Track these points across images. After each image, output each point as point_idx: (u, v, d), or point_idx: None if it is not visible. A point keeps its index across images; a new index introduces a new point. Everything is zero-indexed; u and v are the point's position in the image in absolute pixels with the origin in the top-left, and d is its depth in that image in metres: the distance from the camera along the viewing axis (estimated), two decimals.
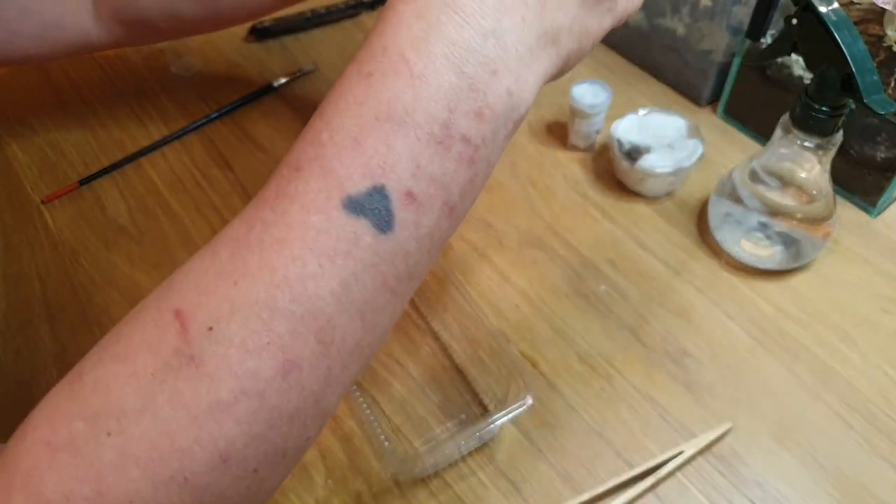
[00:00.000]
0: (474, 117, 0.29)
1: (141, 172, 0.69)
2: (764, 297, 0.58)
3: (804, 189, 0.56)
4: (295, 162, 0.29)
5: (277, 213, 0.28)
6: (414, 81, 0.28)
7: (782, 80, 0.64)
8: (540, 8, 0.30)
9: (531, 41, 0.30)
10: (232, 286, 0.28)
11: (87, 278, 0.61)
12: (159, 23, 0.62)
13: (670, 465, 0.48)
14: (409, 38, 0.28)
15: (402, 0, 0.29)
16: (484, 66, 0.29)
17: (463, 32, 0.28)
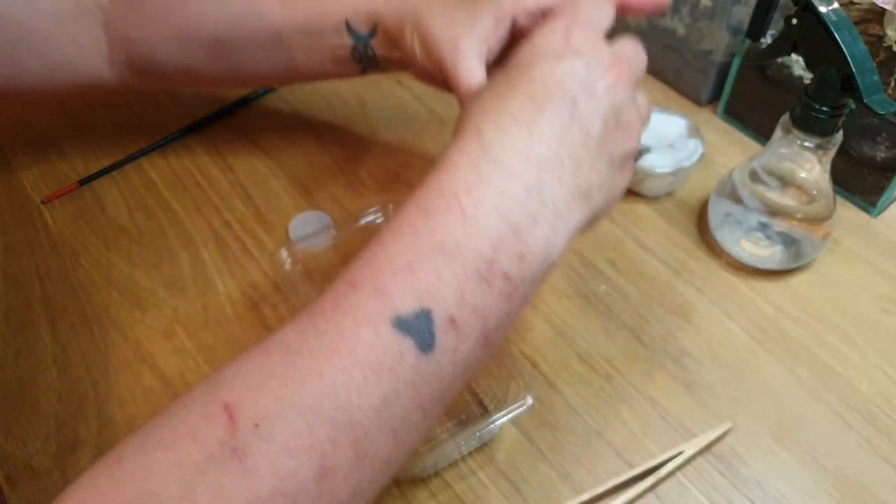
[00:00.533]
0: (516, 258, 0.33)
1: (141, 172, 0.69)
2: (764, 297, 0.58)
3: (804, 189, 0.56)
4: (351, 278, 0.32)
5: (331, 323, 0.31)
6: (465, 221, 0.32)
7: (782, 80, 0.64)
8: (575, 169, 0.35)
9: (567, 197, 0.34)
10: (282, 387, 0.29)
11: (88, 278, 0.61)
12: (174, 76, 0.62)
13: (670, 466, 0.48)
14: (463, 185, 0.33)
15: (458, 153, 0.34)
16: (526, 215, 0.33)
17: (510, 185, 0.33)
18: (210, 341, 0.57)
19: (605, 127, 0.36)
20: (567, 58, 0.36)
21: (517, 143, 0.34)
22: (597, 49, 0.37)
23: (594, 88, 0.36)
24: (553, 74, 0.35)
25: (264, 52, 0.59)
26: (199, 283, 0.60)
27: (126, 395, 0.54)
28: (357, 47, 0.56)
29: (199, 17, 0.57)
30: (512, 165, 0.33)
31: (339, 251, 0.58)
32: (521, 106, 0.35)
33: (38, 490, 0.49)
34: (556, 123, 0.34)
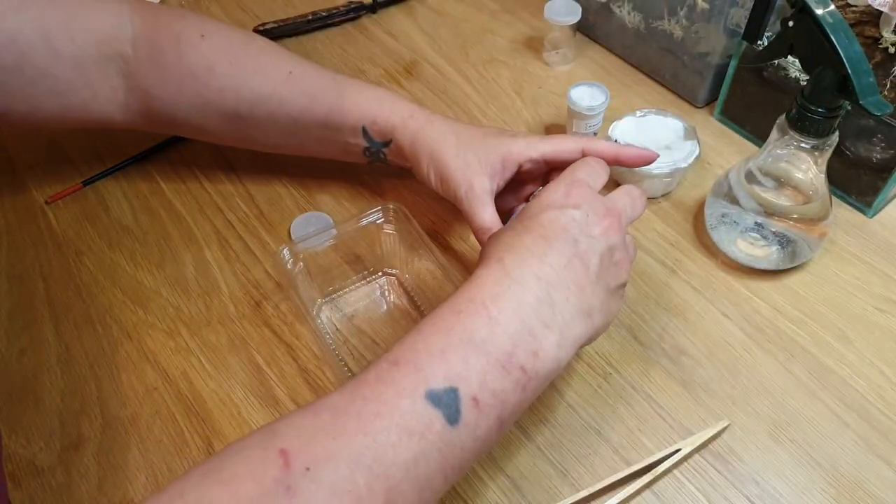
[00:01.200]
0: (531, 354, 0.40)
1: (144, 173, 0.70)
2: (760, 296, 0.59)
3: (800, 190, 0.57)
4: (394, 358, 0.38)
5: (376, 393, 0.37)
6: (491, 321, 0.39)
7: (779, 82, 0.65)
8: (579, 292, 0.42)
9: (573, 312, 0.42)
10: (331, 440, 0.35)
11: (91, 278, 0.62)
12: (186, 130, 0.64)
13: (667, 463, 0.49)
14: (489, 294, 0.41)
15: (485, 274, 0.42)
16: (540, 321, 0.41)
17: (526, 297, 0.41)
18: (213, 340, 0.57)
19: (601, 262, 0.44)
20: (568, 209, 0.44)
21: (532, 268, 0.42)
22: (593, 202, 0.45)
23: (591, 232, 0.44)
24: (558, 221, 0.44)
25: (280, 133, 0.62)
26: (201, 283, 0.61)
27: (129, 394, 0.54)
28: (370, 149, 0.61)
29: (222, 91, 0.59)
30: (527, 283, 0.41)
31: (340, 251, 0.59)
32: (535, 242, 0.43)
33: (41, 487, 0.50)
34: (562, 257, 0.43)
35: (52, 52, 0.55)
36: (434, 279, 0.57)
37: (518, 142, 0.56)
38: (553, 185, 0.46)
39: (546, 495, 0.49)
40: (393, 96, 0.60)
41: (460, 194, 0.55)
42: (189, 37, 0.58)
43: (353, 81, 0.61)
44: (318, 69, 0.61)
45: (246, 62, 0.59)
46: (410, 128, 0.58)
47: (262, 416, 0.53)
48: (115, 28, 0.57)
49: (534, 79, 0.78)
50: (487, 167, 0.55)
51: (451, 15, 0.87)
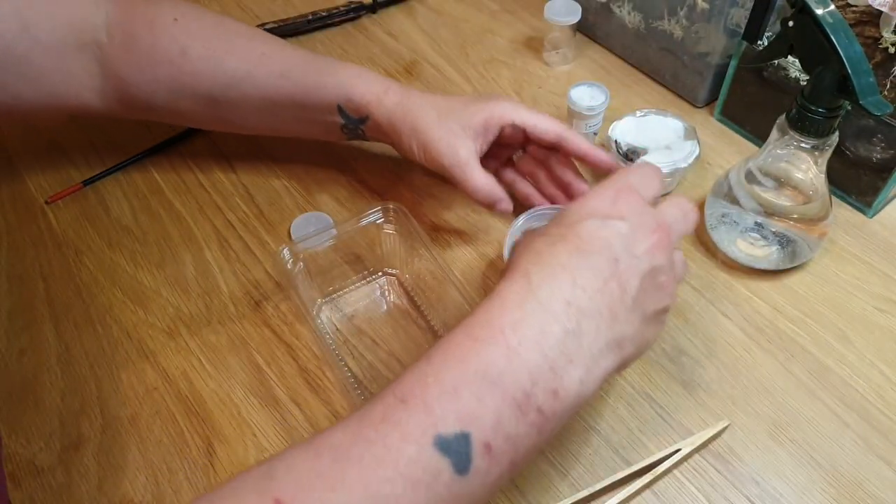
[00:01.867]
0: (551, 394, 0.36)
1: (144, 173, 0.70)
2: (760, 296, 0.59)
3: (800, 190, 0.57)
4: (402, 394, 0.35)
5: (380, 435, 0.34)
6: (509, 353, 0.35)
7: (779, 82, 0.65)
8: (611, 320, 0.38)
9: (601, 344, 0.37)
10: (329, 491, 0.32)
11: (91, 278, 0.62)
12: (163, 115, 0.64)
13: (667, 463, 0.49)
14: (509, 319, 0.36)
15: (507, 289, 0.37)
16: (563, 355, 0.36)
17: (552, 327, 0.36)
18: (213, 340, 0.57)
19: (642, 286, 0.39)
20: (613, 220, 0.39)
21: (562, 289, 0.37)
22: (642, 214, 0.40)
23: (635, 250, 0.39)
24: (599, 232, 0.39)
25: (256, 114, 0.62)
26: (201, 283, 0.61)
27: (129, 394, 0.54)
28: (347, 126, 0.61)
29: (196, 75, 0.59)
30: (554, 308, 0.36)
31: (340, 251, 0.59)
32: (569, 257, 0.38)
33: (41, 487, 0.50)
34: (598, 278, 0.38)
35: (32, 40, 0.55)
36: (434, 279, 0.57)
37: (501, 104, 0.56)
38: (600, 188, 0.41)
39: (546, 495, 0.49)
40: (367, 73, 0.59)
41: (447, 162, 0.55)
42: (162, 21, 0.58)
43: (327, 60, 0.60)
44: (293, 49, 0.61)
45: (219, 44, 0.59)
46: (386, 104, 0.57)
47: (262, 416, 0.53)
48: (90, 14, 0.57)
49: (534, 79, 0.78)
50: (470, 131, 0.55)
51: (451, 15, 0.87)
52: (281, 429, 0.52)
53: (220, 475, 0.50)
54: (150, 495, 0.49)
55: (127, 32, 0.58)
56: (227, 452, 0.51)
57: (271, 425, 0.52)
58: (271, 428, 0.52)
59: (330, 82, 0.59)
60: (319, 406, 0.53)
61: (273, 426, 0.52)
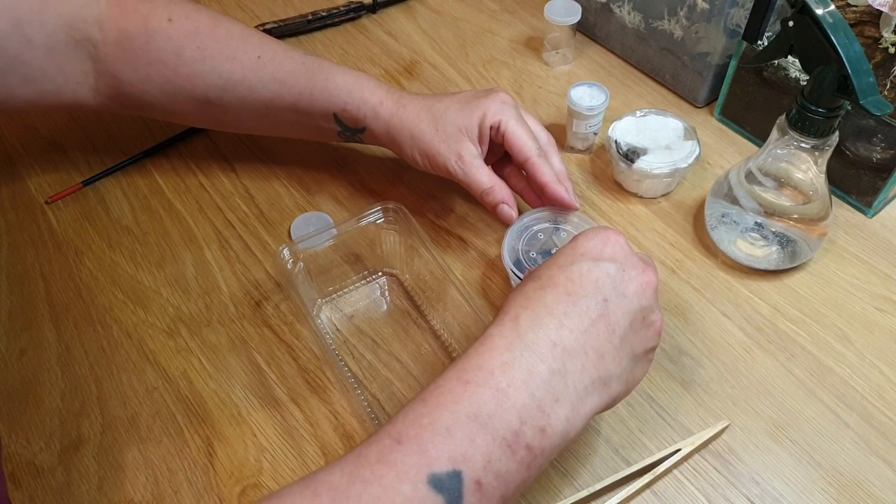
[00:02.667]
0: (538, 432, 0.37)
1: (144, 173, 0.70)
2: (760, 296, 0.59)
3: (800, 190, 0.57)
4: (397, 435, 0.36)
5: (376, 475, 0.35)
6: (498, 395, 0.37)
7: (779, 82, 0.65)
8: (598, 360, 0.39)
9: (587, 383, 0.39)
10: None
11: (91, 278, 0.62)
12: (156, 114, 0.64)
13: (668, 463, 0.49)
14: (499, 362, 0.38)
15: (497, 334, 0.39)
16: (550, 394, 0.38)
17: (538, 367, 0.38)
18: (213, 340, 0.57)
19: (631, 325, 0.41)
20: (604, 261, 0.41)
21: (548, 333, 0.39)
22: (630, 257, 0.42)
23: (625, 290, 0.41)
24: (590, 274, 0.40)
25: (251, 117, 0.62)
26: (201, 283, 0.61)
27: (129, 394, 0.54)
28: (343, 133, 0.61)
29: (191, 77, 0.59)
30: (541, 349, 0.38)
31: (340, 251, 0.59)
32: (557, 300, 0.40)
33: (41, 487, 0.50)
34: (585, 318, 0.39)
35: (24, 39, 0.54)
36: (434, 279, 0.57)
37: (494, 103, 0.56)
38: (588, 233, 0.43)
39: (546, 495, 0.49)
40: (363, 82, 0.59)
41: (451, 166, 0.56)
42: (156, 20, 0.58)
43: (324, 65, 0.60)
44: (288, 52, 0.60)
45: (214, 47, 0.58)
46: (382, 116, 0.58)
47: (262, 416, 0.53)
48: (83, 11, 0.56)
49: (534, 79, 0.78)
50: (470, 133, 0.56)
51: (451, 15, 0.87)
52: (281, 429, 0.52)
53: (220, 475, 0.50)
54: (150, 495, 0.49)
55: (121, 30, 0.57)
56: (227, 452, 0.51)
57: (271, 425, 0.52)
58: (271, 428, 0.52)
59: (325, 90, 0.58)
60: (319, 406, 0.53)
61: (273, 426, 0.52)
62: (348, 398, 0.53)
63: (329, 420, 0.53)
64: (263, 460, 0.51)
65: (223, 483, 0.50)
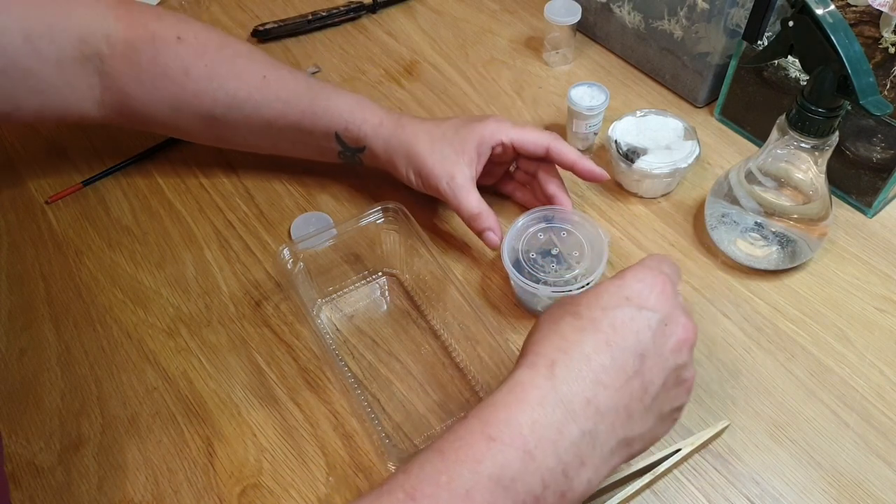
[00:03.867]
0: (559, 496, 0.36)
1: (144, 173, 0.70)
2: (760, 296, 0.59)
3: (800, 190, 0.57)
4: (412, 490, 0.34)
5: None
6: (525, 456, 0.35)
7: (779, 82, 0.65)
8: (627, 420, 0.38)
9: (613, 444, 0.37)
10: None
11: (91, 278, 0.62)
12: (159, 128, 0.65)
13: (668, 463, 0.49)
14: (528, 419, 0.35)
15: (530, 382, 0.37)
16: (577, 457, 0.36)
17: (570, 427, 0.36)
18: (213, 340, 0.57)
19: (664, 385, 0.39)
20: (647, 310, 0.39)
21: (584, 388, 0.37)
22: (674, 309, 0.40)
23: (663, 347, 0.39)
24: (632, 324, 0.38)
25: (254, 135, 0.63)
26: (201, 283, 0.61)
27: (129, 394, 0.54)
28: (344, 153, 0.63)
29: (197, 94, 0.60)
30: (574, 409, 0.36)
31: (340, 251, 0.59)
32: (595, 349, 0.37)
33: (41, 487, 0.50)
34: (622, 375, 0.37)
35: (35, 52, 0.55)
36: (434, 279, 0.57)
37: (488, 126, 0.58)
38: (638, 273, 0.40)
39: None
40: (364, 103, 0.61)
41: (442, 187, 0.57)
42: (165, 38, 0.59)
43: (327, 87, 0.62)
44: (293, 74, 0.62)
45: (221, 66, 0.59)
46: (382, 135, 0.59)
47: (262, 416, 0.53)
48: (94, 27, 0.57)
49: (534, 79, 0.78)
50: (464, 156, 0.57)
51: (451, 15, 0.87)
52: (281, 429, 0.52)
53: (220, 475, 0.50)
54: (150, 495, 0.49)
55: (130, 47, 0.58)
56: (227, 452, 0.51)
57: (271, 425, 0.52)
58: (271, 428, 0.52)
59: (328, 110, 0.60)
60: (319, 406, 0.53)
61: (273, 426, 0.52)
62: (348, 398, 0.53)
63: (329, 420, 0.53)
64: (263, 460, 0.51)
65: (223, 483, 0.50)
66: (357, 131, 0.60)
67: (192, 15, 0.86)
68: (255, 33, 0.83)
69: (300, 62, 0.81)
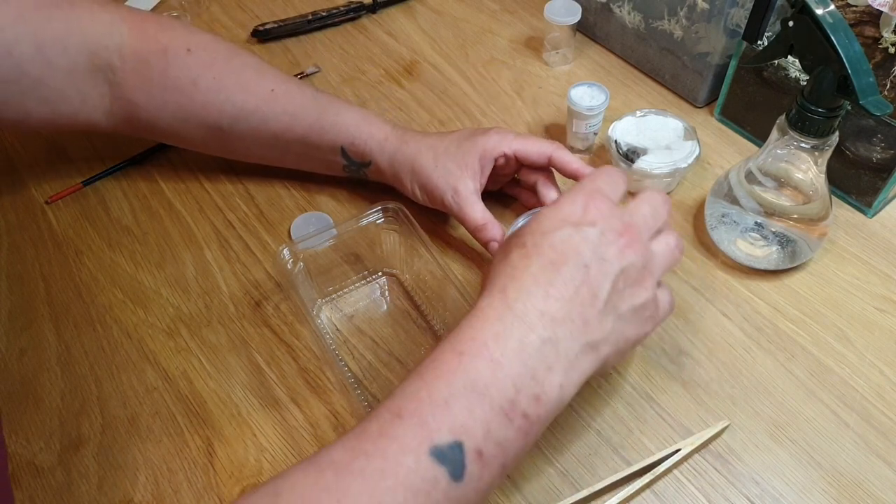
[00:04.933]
0: (533, 399, 0.38)
1: (144, 173, 0.70)
2: (760, 296, 0.59)
3: (800, 190, 0.57)
4: (397, 409, 0.37)
5: (378, 448, 0.36)
6: (493, 365, 0.38)
7: (779, 82, 0.65)
8: (584, 325, 0.40)
9: (577, 350, 0.40)
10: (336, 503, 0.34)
11: (91, 278, 0.62)
12: (167, 138, 0.65)
13: (667, 463, 0.49)
14: (491, 333, 0.39)
15: (487, 305, 0.40)
16: (543, 362, 0.39)
17: (529, 336, 0.38)
18: (213, 340, 0.57)
19: (614, 287, 0.41)
20: (584, 227, 0.41)
21: (535, 302, 0.39)
22: (610, 218, 0.42)
23: (605, 254, 0.41)
24: (571, 241, 0.41)
25: (261, 147, 0.64)
26: (201, 283, 0.61)
27: (129, 394, 0.54)
28: (350, 167, 0.63)
29: (205, 106, 0.60)
30: (531, 320, 0.39)
31: (340, 251, 0.59)
32: (541, 269, 0.40)
33: (41, 487, 0.50)
34: (570, 286, 0.40)
35: (46, 62, 0.55)
36: (434, 279, 0.57)
37: (490, 138, 0.58)
38: (571, 195, 0.43)
39: (546, 495, 0.49)
40: (370, 119, 0.61)
41: (447, 200, 0.58)
42: (175, 50, 0.59)
43: (334, 101, 0.62)
44: (301, 87, 0.62)
45: (229, 78, 0.60)
46: (387, 151, 0.60)
47: (262, 416, 0.53)
48: (105, 37, 0.58)
49: (534, 79, 0.78)
50: (468, 170, 0.58)
51: (451, 15, 0.87)
52: (281, 429, 0.52)
53: (220, 475, 0.50)
54: (150, 495, 0.49)
55: (140, 58, 0.59)
56: (227, 452, 0.51)
57: (271, 425, 0.52)
58: (271, 428, 0.52)
59: (335, 124, 0.61)
60: (319, 406, 0.53)
61: (273, 426, 0.52)
62: (348, 398, 0.53)
63: (329, 420, 0.53)
64: (263, 460, 0.51)
65: (223, 483, 0.50)
66: (363, 146, 0.61)
67: (192, 15, 0.87)
68: (255, 33, 0.83)
69: (300, 62, 0.81)
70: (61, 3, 0.56)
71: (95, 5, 0.58)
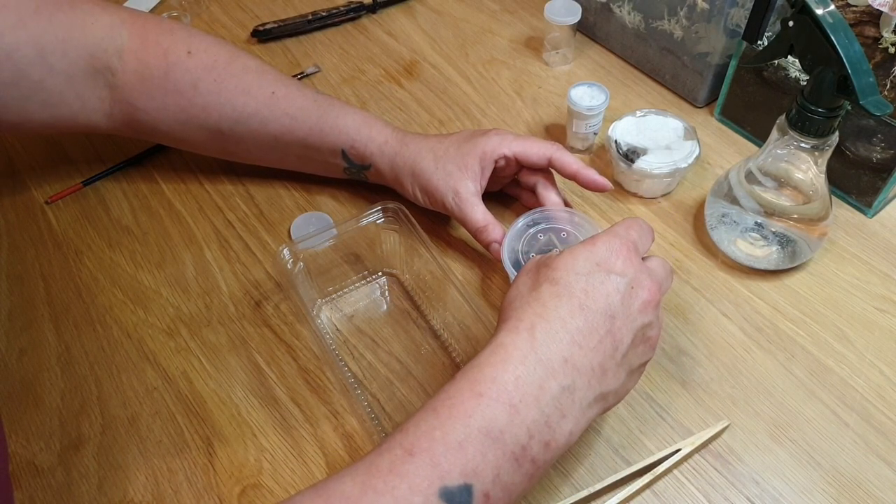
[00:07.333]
0: (544, 446, 0.39)
1: (144, 173, 0.70)
2: (760, 296, 0.59)
3: (800, 190, 0.57)
4: (409, 446, 0.37)
5: (389, 486, 0.36)
6: (510, 410, 0.38)
7: (779, 82, 0.65)
8: (601, 376, 0.41)
9: (591, 399, 0.40)
10: None
11: (91, 278, 0.62)
12: (167, 140, 0.65)
13: (668, 463, 0.49)
14: (513, 376, 0.39)
15: (512, 344, 0.40)
16: (558, 410, 0.39)
17: (550, 383, 0.39)
18: (213, 340, 0.57)
19: (633, 342, 0.42)
20: (614, 275, 0.42)
21: (561, 348, 0.40)
22: (640, 273, 0.42)
23: (631, 307, 0.42)
24: (602, 287, 0.41)
25: (261, 149, 0.64)
26: (201, 283, 0.61)
27: (129, 394, 0.54)
28: (350, 170, 0.64)
29: (206, 108, 0.60)
30: (554, 366, 0.39)
31: (340, 251, 0.59)
32: (570, 313, 0.40)
33: (41, 487, 0.50)
34: (595, 336, 0.40)
35: (47, 66, 0.55)
36: (434, 279, 0.57)
37: (490, 140, 0.58)
38: (608, 240, 0.43)
39: (547, 496, 0.49)
40: (370, 121, 0.61)
41: (448, 202, 0.58)
42: (176, 53, 0.59)
43: (334, 104, 0.62)
44: (301, 89, 0.62)
45: (230, 81, 0.60)
46: (387, 153, 0.60)
47: (262, 416, 0.53)
48: (106, 41, 0.58)
49: (534, 79, 0.78)
50: (468, 172, 0.58)
51: (451, 15, 0.87)
52: (281, 429, 0.52)
53: (220, 475, 0.50)
54: (150, 495, 0.49)
55: (141, 61, 0.59)
56: (227, 452, 0.51)
57: (271, 425, 0.52)
58: (271, 428, 0.52)
59: (336, 127, 0.61)
60: (319, 406, 0.53)
61: (273, 426, 0.52)
62: (348, 398, 0.53)
63: (329, 420, 0.53)
64: (263, 460, 0.51)
65: (223, 483, 0.50)
66: (363, 149, 0.61)
67: (192, 15, 0.87)
68: (255, 33, 0.83)
69: (300, 62, 0.81)
70: (62, 5, 0.56)
71: (96, 8, 0.58)
